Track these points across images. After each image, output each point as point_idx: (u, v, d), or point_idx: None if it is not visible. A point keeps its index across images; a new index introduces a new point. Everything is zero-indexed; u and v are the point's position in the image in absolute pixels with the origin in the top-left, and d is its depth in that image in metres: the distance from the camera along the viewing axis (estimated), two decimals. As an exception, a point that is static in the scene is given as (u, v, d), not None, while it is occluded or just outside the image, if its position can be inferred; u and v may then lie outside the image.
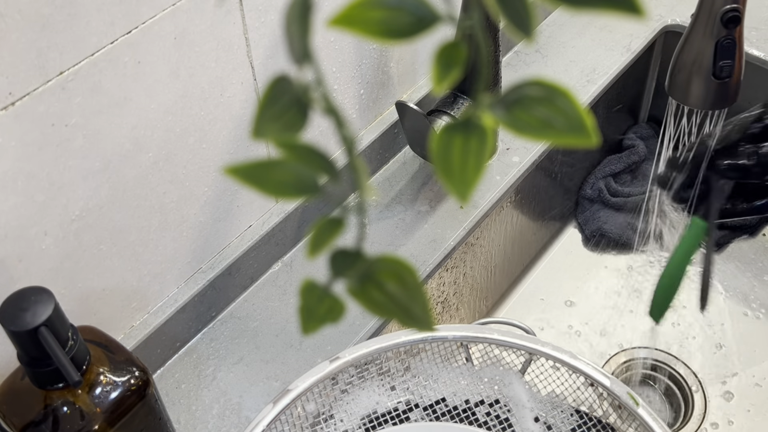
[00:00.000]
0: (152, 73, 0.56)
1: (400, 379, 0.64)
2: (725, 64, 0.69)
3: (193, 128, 0.61)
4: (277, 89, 0.22)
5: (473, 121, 0.21)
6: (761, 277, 0.96)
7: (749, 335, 0.91)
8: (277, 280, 0.74)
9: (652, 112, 1.08)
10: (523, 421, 0.61)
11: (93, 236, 0.58)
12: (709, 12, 0.68)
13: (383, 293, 0.22)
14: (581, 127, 0.21)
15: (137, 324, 0.66)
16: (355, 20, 0.20)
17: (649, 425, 0.57)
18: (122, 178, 0.58)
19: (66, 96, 0.51)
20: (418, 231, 0.78)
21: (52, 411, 0.49)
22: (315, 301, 0.23)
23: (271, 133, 0.21)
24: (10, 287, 0.53)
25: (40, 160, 0.51)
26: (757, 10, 0.97)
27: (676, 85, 0.73)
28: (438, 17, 0.21)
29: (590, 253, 1.01)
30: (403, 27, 0.21)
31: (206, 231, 0.68)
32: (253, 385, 0.67)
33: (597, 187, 1.01)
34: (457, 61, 0.21)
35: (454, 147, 0.21)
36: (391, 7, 0.21)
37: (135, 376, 0.52)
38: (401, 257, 0.23)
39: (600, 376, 0.60)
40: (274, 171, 0.21)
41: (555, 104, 0.21)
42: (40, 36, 0.48)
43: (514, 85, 0.22)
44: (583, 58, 0.94)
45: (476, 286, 0.89)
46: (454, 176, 0.21)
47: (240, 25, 0.60)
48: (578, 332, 0.94)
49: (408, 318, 0.23)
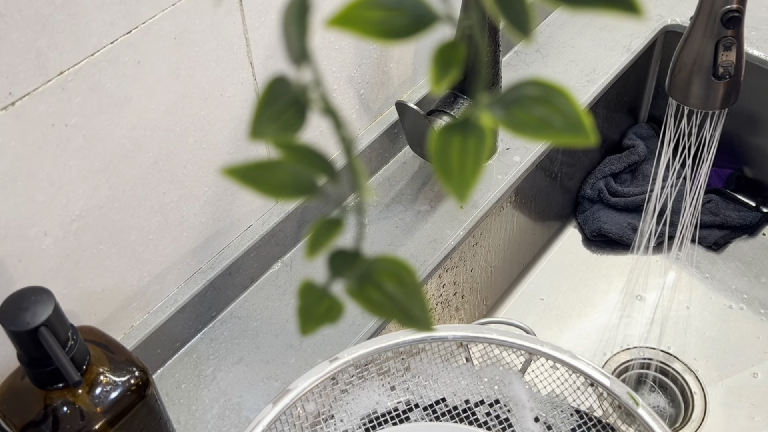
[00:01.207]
0: (152, 73, 0.56)
1: (400, 379, 0.64)
2: (725, 64, 0.69)
3: (193, 128, 0.61)
4: (276, 90, 0.22)
5: (472, 121, 0.21)
6: (761, 277, 0.96)
7: (749, 335, 0.91)
8: (277, 280, 0.74)
9: (652, 112, 1.08)
10: (523, 421, 0.61)
11: (93, 236, 0.58)
12: (709, 12, 0.68)
13: (382, 293, 0.22)
14: (579, 127, 0.21)
15: (137, 324, 0.66)
16: (354, 20, 0.20)
17: (649, 425, 0.57)
18: (122, 178, 0.58)
19: (66, 96, 0.51)
20: (418, 231, 0.78)
21: (52, 411, 0.49)
22: (314, 301, 0.23)
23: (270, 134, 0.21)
24: (10, 287, 0.53)
25: (40, 159, 0.51)
26: (757, 10, 0.97)
27: (676, 85, 0.73)
28: (436, 17, 0.21)
29: (590, 253, 1.01)
30: (402, 27, 0.21)
31: (206, 231, 0.68)
32: (253, 385, 0.67)
33: (597, 187, 1.01)
34: (455, 60, 0.21)
35: (453, 147, 0.21)
36: (389, 7, 0.21)
37: (135, 376, 0.52)
38: (400, 257, 0.23)
39: (600, 376, 0.60)
40: (273, 172, 0.21)
41: (553, 104, 0.21)
42: (40, 36, 0.48)
43: (512, 85, 0.22)
44: (583, 58, 0.94)
45: (476, 286, 0.89)
46: (452, 176, 0.21)
47: (240, 25, 0.60)
48: (578, 332, 0.94)
49: (407, 318, 0.23)
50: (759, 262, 0.98)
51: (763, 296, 0.94)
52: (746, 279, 0.96)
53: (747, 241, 1.00)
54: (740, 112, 0.99)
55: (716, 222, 0.99)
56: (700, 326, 0.93)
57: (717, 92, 0.72)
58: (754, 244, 0.99)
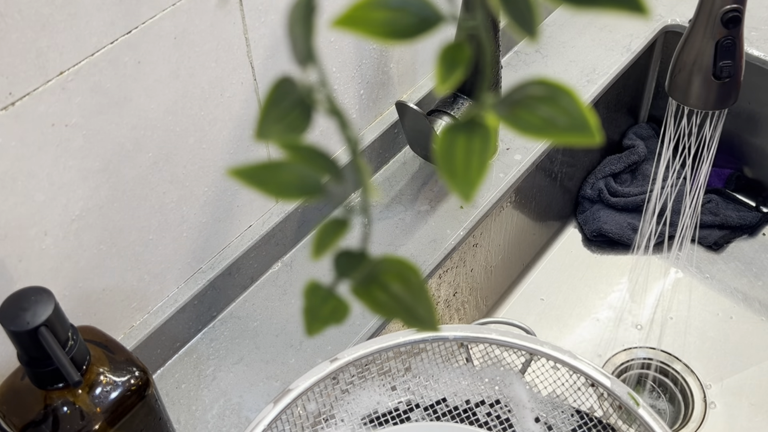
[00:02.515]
0: (152, 73, 0.55)
1: (400, 379, 0.64)
2: (725, 64, 0.69)
3: (193, 128, 0.61)
4: (281, 90, 0.22)
5: (476, 121, 0.21)
6: (761, 277, 0.96)
7: (749, 335, 0.91)
8: (277, 280, 0.74)
9: (652, 112, 1.08)
10: (523, 422, 0.61)
11: (93, 236, 0.58)
12: (709, 12, 0.68)
13: (387, 294, 0.22)
14: (585, 126, 0.21)
15: (137, 324, 0.66)
16: (359, 21, 0.20)
17: (649, 425, 0.57)
18: (122, 178, 0.58)
19: (66, 96, 0.51)
20: (418, 231, 0.77)
21: (52, 411, 0.49)
22: (319, 302, 0.23)
23: (275, 135, 0.21)
24: (10, 287, 0.53)
25: (40, 159, 0.51)
26: (757, 10, 0.97)
27: (676, 85, 0.73)
28: (441, 18, 0.21)
29: (590, 253, 1.01)
30: (407, 27, 0.21)
31: (206, 231, 0.67)
32: (253, 385, 0.67)
33: (597, 187, 1.01)
34: (460, 61, 0.21)
35: (458, 147, 0.21)
36: (394, 7, 0.21)
37: (135, 376, 0.52)
38: (405, 258, 0.23)
39: (600, 376, 0.60)
40: (278, 172, 0.21)
41: (558, 103, 0.21)
42: (40, 36, 0.48)
43: (517, 85, 0.22)
44: (583, 58, 0.94)
45: (476, 286, 0.89)
46: (457, 176, 0.21)
47: (240, 25, 0.60)
48: (578, 332, 0.94)
49: (412, 318, 0.23)
50: (759, 262, 0.98)
51: (763, 296, 0.94)
52: (746, 279, 0.96)
53: (747, 241, 1.00)
54: (740, 112, 0.99)
55: (716, 222, 0.99)
56: (700, 326, 0.93)
57: (717, 92, 0.72)
58: (754, 244, 0.99)
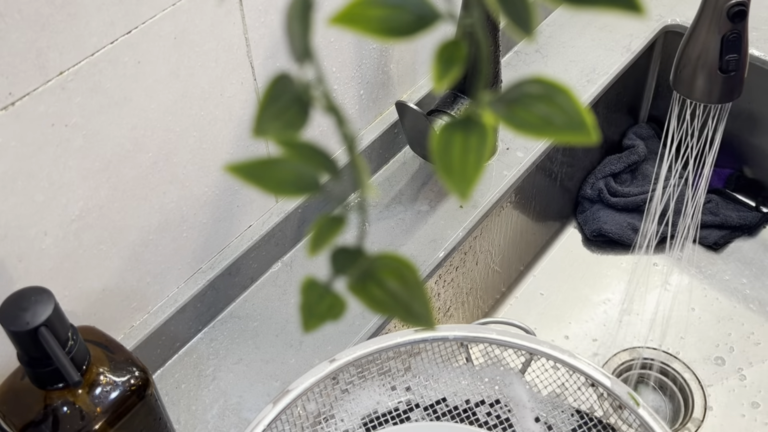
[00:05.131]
0: (152, 73, 0.56)
1: (400, 379, 0.64)
2: (732, 58, 0.69)
3: (193, 128, 0.61)
4: (278, 87, 0.22)
5: (473, 119, 0.21)
6: (761, 277, 0.96)
7: (749, 335, 0.91)
8: (277, 280, 0.74)
9: (652, 112, 1.08)
10: (523, 422, 0.61)
11: (93, 236, 0.58)
12: (715, 6, 0.68)
13: (384, 291, 0.22)
14: (581, 125, 0.21)
15: (137, 324, 0.66)
16: (356, 18, 0.20)
17: (649, 425, 0.57)
18: (122, 178, 0.58)
19: (66, 96, 0.51)
20: (418, 231, 0.78)
21: (52, 411, 0.49)
22: (316, 298, 0.23)
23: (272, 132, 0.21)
24: (10, 287, 0.53)
25: (40, 160, 0.51)
26: (757, 10, 0.97)
27: (681, 79, 0.73)
28: (439, 15, 0.21)
29: (590, 253, 1.01)
30: (404, 25, 0.21)
31: (206, 231, 0.68)
32: (253, 385, 0.67)
33: (597, 187, 1.01)
34: (457, 59, 0.21)
35: (455, 145, 0.21)
36: (391, 5, 0.21)
37: (135, 376, 0.52)
38: (402, 255, 0.23)
39: (600, 376, 0.60)
40: (275, 169, 0.21)
41: (555, 102, 0.21)
42: (40, 36, 0.48)
43: (514, 83, 0.22)
44: (583, 58, 0.94)
45: (476, 286, 0.89)
46: (454, 174, 0.21)
47: (240, 25, 0.60)
48: (578, 332, 0.94)
49: (409, 315, 0.23)
50: (759, 262, 0.98)
51: (763, 296, 0.94)
52: (746, 279, 0.96)
53: (747, 241, 1.00)
54: (740, 112, 0.99)
55: (716, 222, 0.99)
56: (700, 326, 0.93)
57: (722, 86, 0.72)
58: (754, 244, 0.99)
